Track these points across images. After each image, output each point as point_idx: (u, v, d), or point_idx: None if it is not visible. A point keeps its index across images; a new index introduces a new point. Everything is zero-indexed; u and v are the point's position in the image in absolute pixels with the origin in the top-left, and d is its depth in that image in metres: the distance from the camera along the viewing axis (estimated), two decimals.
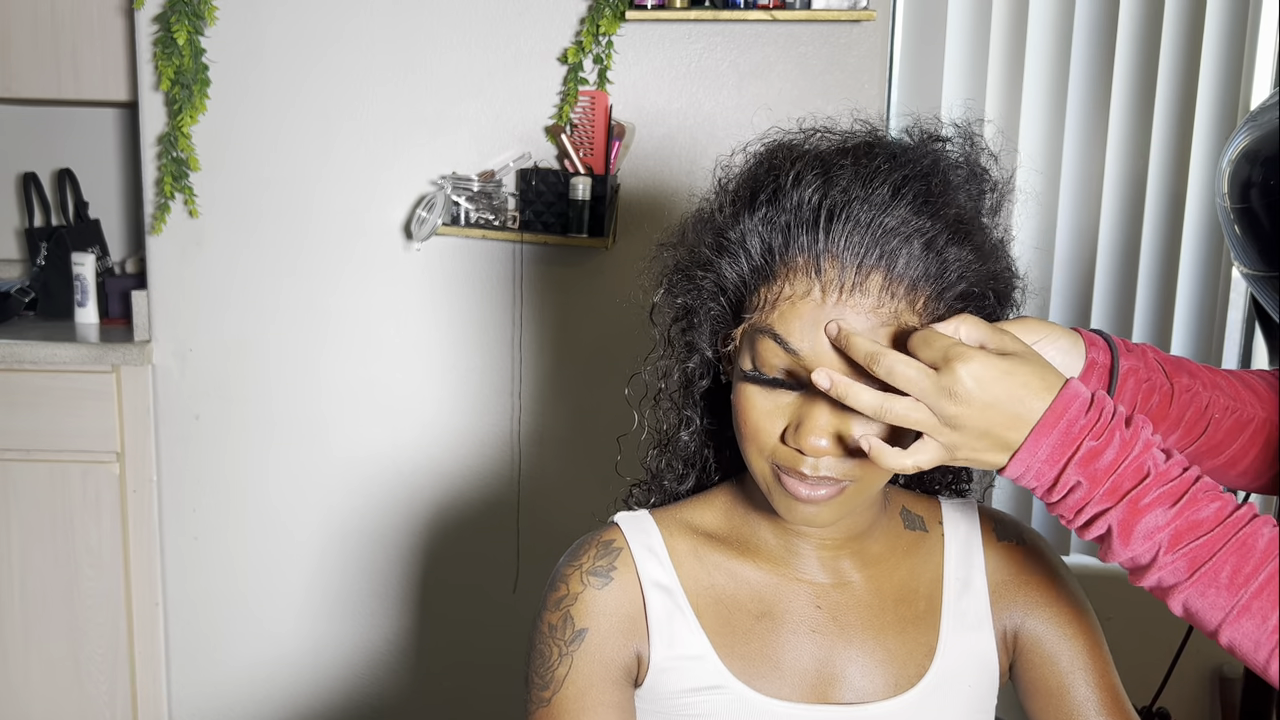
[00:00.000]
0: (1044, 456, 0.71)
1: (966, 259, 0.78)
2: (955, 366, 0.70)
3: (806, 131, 0.84)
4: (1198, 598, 0.69)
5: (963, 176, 0.82)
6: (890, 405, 0.72)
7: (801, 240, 0.76)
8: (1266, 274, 1.09)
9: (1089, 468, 0.70)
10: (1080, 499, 0.71)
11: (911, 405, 0.71)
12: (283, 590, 2.31)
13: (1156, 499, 0.70)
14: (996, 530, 0.94)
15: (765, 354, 0.78)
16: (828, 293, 0.75)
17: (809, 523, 0.81)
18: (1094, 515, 0.71)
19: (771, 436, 0.80)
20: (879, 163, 0.78)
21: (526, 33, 2.09)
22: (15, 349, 2.16)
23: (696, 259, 0.85)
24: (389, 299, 2.20)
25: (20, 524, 2.23)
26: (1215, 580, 0.69)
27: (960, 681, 0.88)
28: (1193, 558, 0.69)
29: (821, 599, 0.88)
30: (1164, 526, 0.69)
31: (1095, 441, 0.70)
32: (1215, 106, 2.13)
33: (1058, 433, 0.71)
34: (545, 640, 0.87)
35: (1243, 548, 0.69)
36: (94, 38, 2.20)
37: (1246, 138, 1.10)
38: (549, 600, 0.88)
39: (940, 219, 0.77)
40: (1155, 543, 0.69)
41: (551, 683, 0.85)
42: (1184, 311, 2.21)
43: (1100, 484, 0.70)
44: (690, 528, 0.91)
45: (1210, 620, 0.70)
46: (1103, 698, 0.88)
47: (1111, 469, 0.70)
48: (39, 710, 2.29)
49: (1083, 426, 0.71)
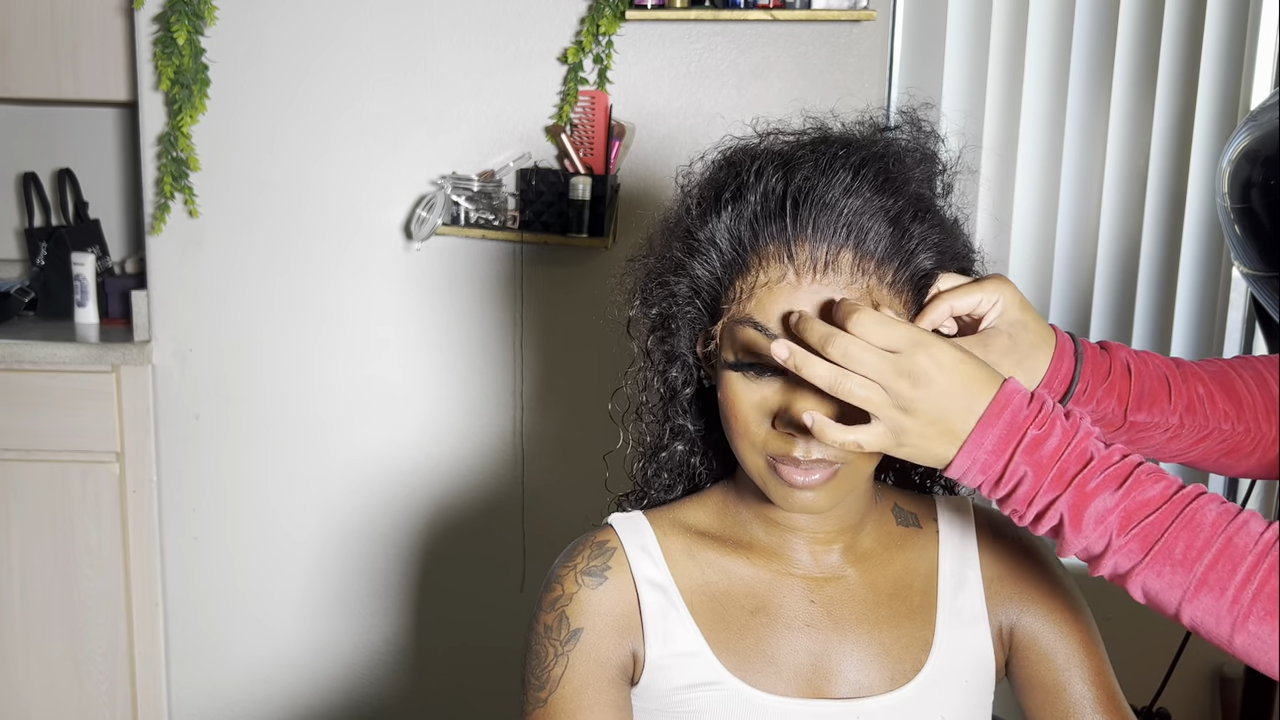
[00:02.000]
0: (989, 447, 0.72)
1: (929, 233, 0.80)
2: (917, 350, 0.72)
3: (761, 134, 0.87)
4: (1154, 578, 0.70)
5: (915, 159, 0.85)
6: (844, 380, 0.72)
7: (770, 229, 0.79)
8: (1266, 274, 1.09)
9: (1034, 455, 0.71)
10: (1029, 490, 0.72)
11: (863, 383, 0.72)
12: (283, 590, 2.31)
13: (1102, 482, 0.71)
14: (991, 527, 0.95)
15: (747, 343, 0.80)
16: (801, 275, 0.78)
17: (807, 509, 0.82)
18: (1045, 506, 0.72)
19: (762, 426, 0.81)
20: (836, 149, 0.81)
21: (526, 33, 2.09)
22: (15, 349, 2.16)
23: (668, 265, 0.87)
24: (389, 299, 2.20)
25: (20, 524, 2.23)
26: (1170, 558, 0.69)
27: (957, 677, 0.88)
28: (1144, 537, 0.70)
29: (815, 594, 0.88)
30: (1113, 509, 0.70)
31: (1039, 430, 0.71)
32: (1215, 106, 2.13)
33: (1002, 423, 0.72)
34: (541, 641, 0.88)
35: (1191, 524, 0.69)
36: (94, 38, 2.20)
37: (1246, 138, 1.10)
38: (544, 601, 0.89)
39: (901, 196, 0.79)
40: (1106, 527, 0.70)
41: (548, 683, 0.86)
42: (1184, 311, 2.21)
43: (1046, 471, 0.71)
44: (684, 526, 0.92)
45: (1170, 601, 0.70)
46: (1098, 695, 0.88)
47: (1056, 455, 0.71)
48: (39, 710, 2.29)
49: (1025, 417, 0.72)
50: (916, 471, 1.00)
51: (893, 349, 0.72)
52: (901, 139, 0.86)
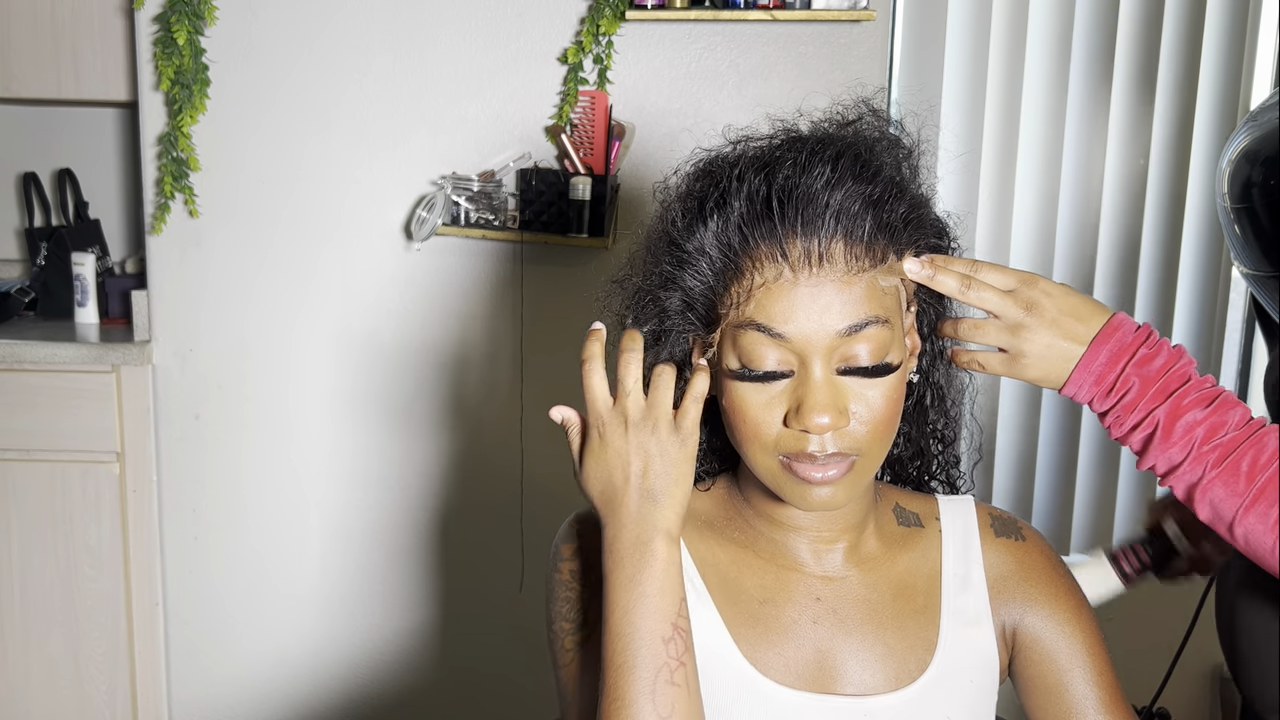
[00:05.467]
0: (1104, 360, 0.83)
1: (909, 213, 0.83)
2: (1026, 286, 0.84)
3: (733, 141, 0.89)
4: (1220, 486, 0.80)
5: (884, 146, 0.87)
6: (975, 287, 0.84)
7: (760, 230, 0.80)
8: (1267, 274, 1.09)
9: (1143, 369, 0.82)
10: (1134, 399, 0.82)
11: (997, 293, 0.84)
12: (283, 590, 2.31)
13: (1195, 400, 0.81)
14: (995, 526, 0.95)
15: (751, 347, 0.80)
16: (798, 271, 0.79)
17: (825, 505, 0.82)
18: (1145, 414, 0.82)
19: (774, 427, 0.81)
20: (811, 146, 0.83)
21: (526, 33, 2.09)
22: (15, 349, 2.16)
23: (657, 281, 0.87)
24: (389, 299, 2.19)
25: (20, 524, 2.23)
26: (1236, 470, 0.80)
27: (962, 677, 0.88)
28: (1220, 450, 0.80)
29: (820, 592, 0.88)
30: (1200, 423, 0.81)
31: (1149, 350, 0.82)
32: (1215, 106, 2.13)
33: (1115, 341, 0.83)
34: (568, 586, 0.88)
35: (1260, 444, 0.80)
36: (94, 38, 2.20)
37: (1246, 138, 1.10)
38: (564, 551, 0.89)
39: (879, 181, 0.81)
40: (1192, 438, 0.81)
41: (589, 621, 0.86)
42: (1184, 311, 2.21)
43: (1152, 384, 0.82)
44: (692, 513, 0.92)
45: (1229, 510, 0.80)
46: (1101, 695, 0.88)
47: (1162, 372, 0.82)
48: (39, 710, 2.29)
49: (1136, 338, 0.83)
50: (913, 469, 1.00)
51: (1007, 289, 0.84)
52: (866, 129, 0.88)
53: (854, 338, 0.79)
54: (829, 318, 0.78)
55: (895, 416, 0.83)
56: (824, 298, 0.78)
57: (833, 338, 0.78)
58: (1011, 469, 2.34)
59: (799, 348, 0.79)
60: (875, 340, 0.79)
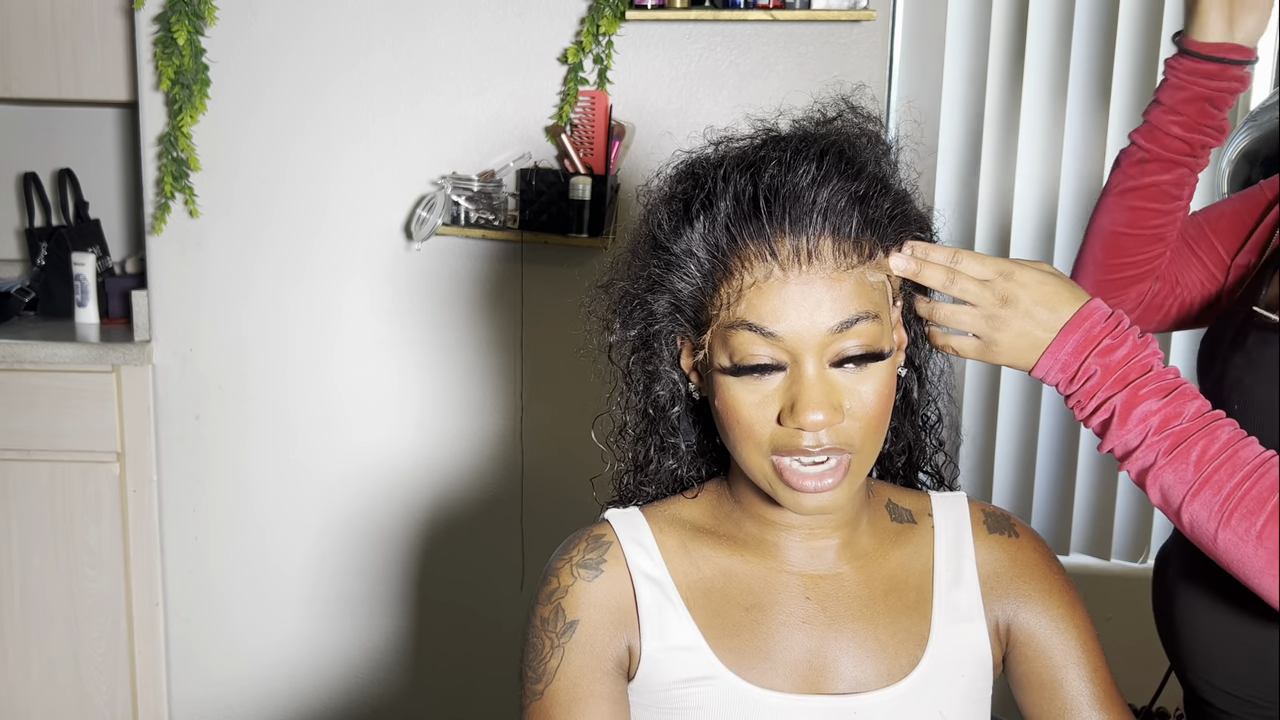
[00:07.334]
0: (1070, 349, 0.85)
1: (894, 208, 0.84)
2: (1002, 279, 0.86)
3: (714, 142, 0.90)
4: (1170, 473, 0.83)
5: (865, 142, 0.87)
6: (957, 279, 0.86)
7: (748, 230, 0.80)
8: None
9: (1105, 359, 0.84)
10: (1094, 386, 0.85)
11: (976, 283, 0.87)
12: (283, 590, 2.31)
13: (1152, 391, 0.84)
14: (987, 523, 0.95)
15: (742, 347, 0.80)
16: (787, 269, 0.79)
17: (822, 510, 0.82)
18: (1102, 401, 0.85)
19: (767, 426, 0.81)
20: (795, 144, 0.84)
21: (526, 33, 2.09)
22: (15, 349, 2.16)
23: (644, 284, 0.87)
24: (389, 299, 2.20)
25: (20, 524, 2.23)
26: (1186, 458, 0.83)
27: (954, 672, 0.88)
28: (1172, 438, 0.83)
29: (811, 590, 0.89)
30: (1155, 413, 0.83)
31: (1112, 340, 0.85)
32: None
33: (1082, 331, 0.85)
34: (538, 634, 0.88)
35: (1210, 435, 0.83)
36: (94, 38, 2.20)
37: (1246, 138, 1.10)
38: (541, 594, 0.90)
39: (864, 178, 0.82)
40: (1146, 426, 0.84)
41: (544, 675, 0.86)
42: None
43: (1112, 373, 0.84)
44: (679, 522, 0.92)
45: (1177, 496, 0.83)
46: (1096, 692, 0.88)
47: (1123, 362, 0.84)
48: (39, 710, 2.29)
49: (1103, 329, 0.85)
50: (900, 464, 1.00)
51: (985, 279, 0.86)
52: (846, 126, 0.89)
53: (845, 334, 0.79)
54: (820, 315, 0.79)
55: (887, 411, 0.83)
56: (814, 295, 0.79)
57: (824, 335, 0.79)
58: (1011, 469, 2.34)
59: (791, 346, 0.79)
60: (866, 335, 0.80)
